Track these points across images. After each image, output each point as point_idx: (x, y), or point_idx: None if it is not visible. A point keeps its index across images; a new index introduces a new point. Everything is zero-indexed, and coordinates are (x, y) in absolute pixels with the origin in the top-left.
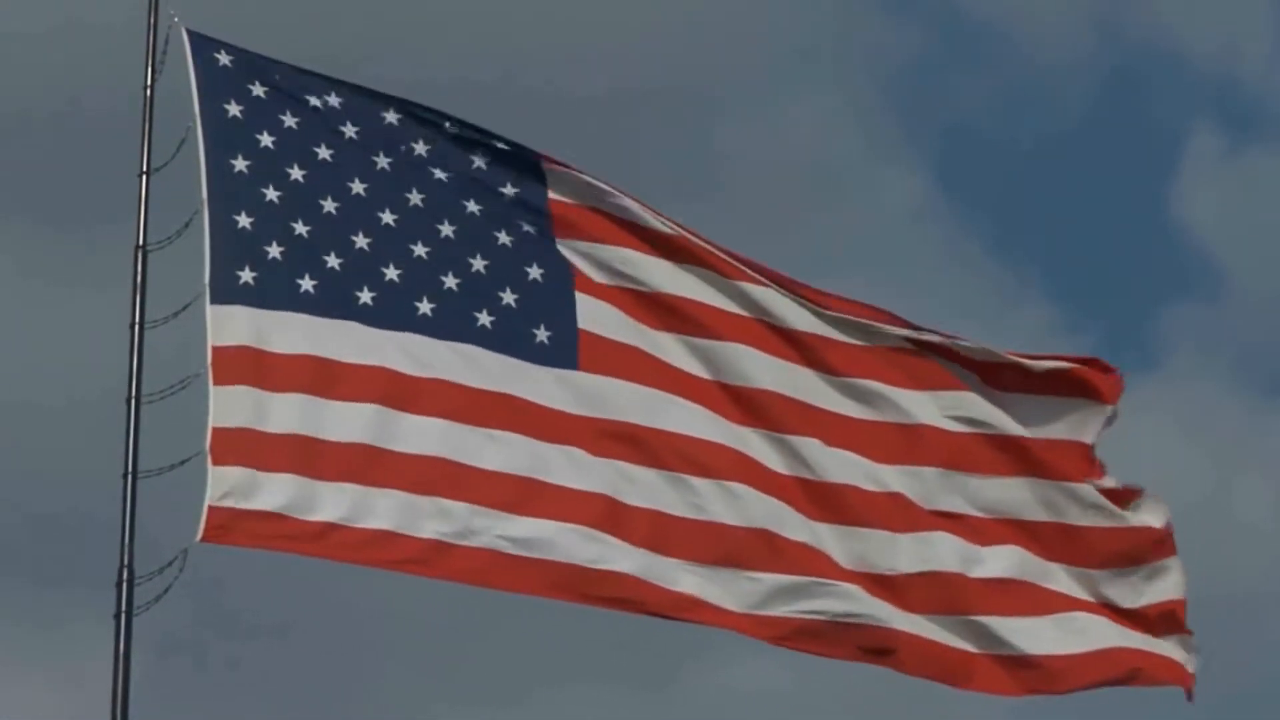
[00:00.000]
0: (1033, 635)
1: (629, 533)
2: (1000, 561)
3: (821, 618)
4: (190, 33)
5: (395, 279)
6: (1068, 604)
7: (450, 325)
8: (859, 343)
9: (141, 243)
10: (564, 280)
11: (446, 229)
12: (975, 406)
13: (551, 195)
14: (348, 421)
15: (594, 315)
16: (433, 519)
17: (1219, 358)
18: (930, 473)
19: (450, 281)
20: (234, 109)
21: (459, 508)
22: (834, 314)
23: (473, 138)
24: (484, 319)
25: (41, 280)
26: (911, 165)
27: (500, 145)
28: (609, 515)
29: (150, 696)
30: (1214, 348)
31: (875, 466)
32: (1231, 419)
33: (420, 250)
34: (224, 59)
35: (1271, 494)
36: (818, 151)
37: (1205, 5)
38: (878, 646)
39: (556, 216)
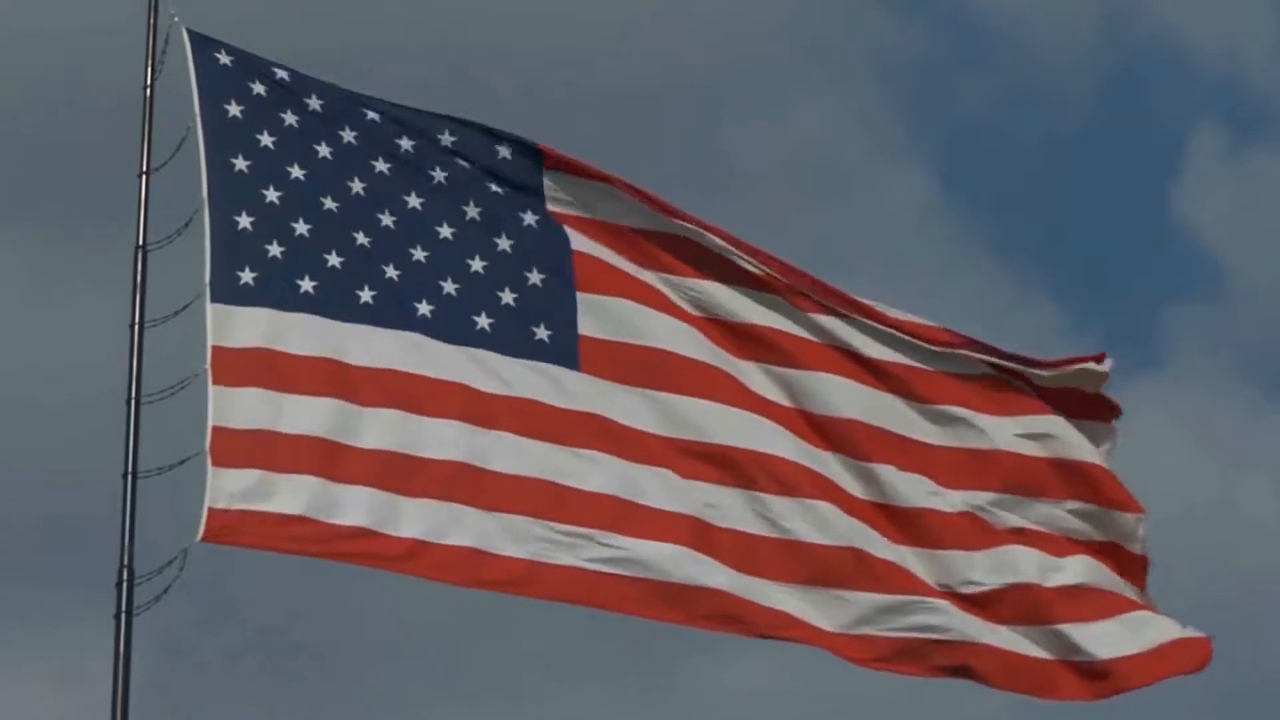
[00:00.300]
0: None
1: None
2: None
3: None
4: (190, 32)
5: (395, 278)
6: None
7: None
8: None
9: (141, 243)
10: (565, 282)
11: (445, 230)
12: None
13: (562, 211)
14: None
15: (595, 316)
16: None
17: (1222, 357)
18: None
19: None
20: (234, 109)
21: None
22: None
23: (477, 140)
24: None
25: (41, 280)
26: (917, 164)
27: (504, 152)
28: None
29: (151, 696)
30: (1217, 347)
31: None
32: (1234, 418)
33: (419, 254)
34: (224, 59)
35: (1275, 493)
36: (823, 150)
37: (1209, 5)
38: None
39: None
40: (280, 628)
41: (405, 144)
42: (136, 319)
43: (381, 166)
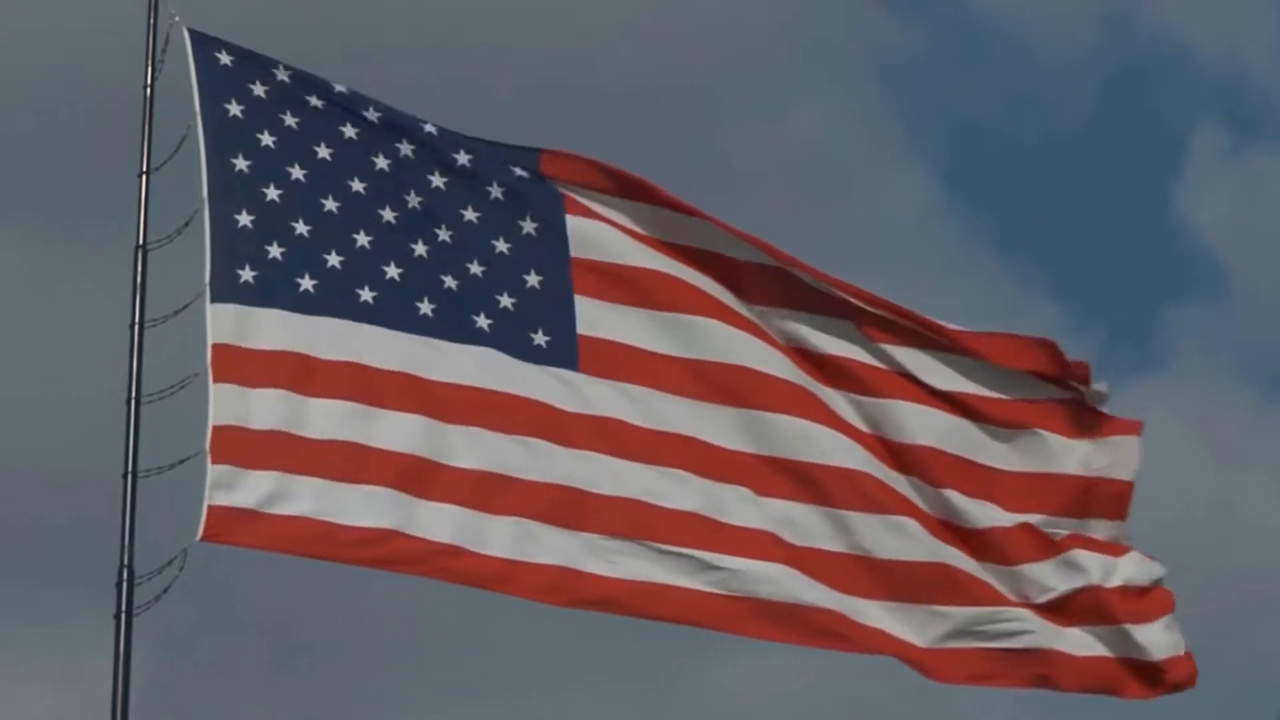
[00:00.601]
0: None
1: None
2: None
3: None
4: (191, 32)
5: (396, 277)
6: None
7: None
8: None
9: (141, 242)
10: (563, 285)
11: (444, 233)
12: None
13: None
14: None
15: (593, 319)
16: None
17: (1223, 357)
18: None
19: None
20: (234, 108)
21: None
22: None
23: (472, 144)
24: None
25: (41, 280)
26: (917, 164)
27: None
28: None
29: (152, 696)
30: (1218, 347)
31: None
32: (1235, 418)
33: (420, 250)
34: (225, 58)
35: (1275, 493)
36: (824, 150)
37: (1210, 5)
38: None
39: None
40: (282, 628)
41: (404, 148)
42: (136, 319)
43: (382, 164)
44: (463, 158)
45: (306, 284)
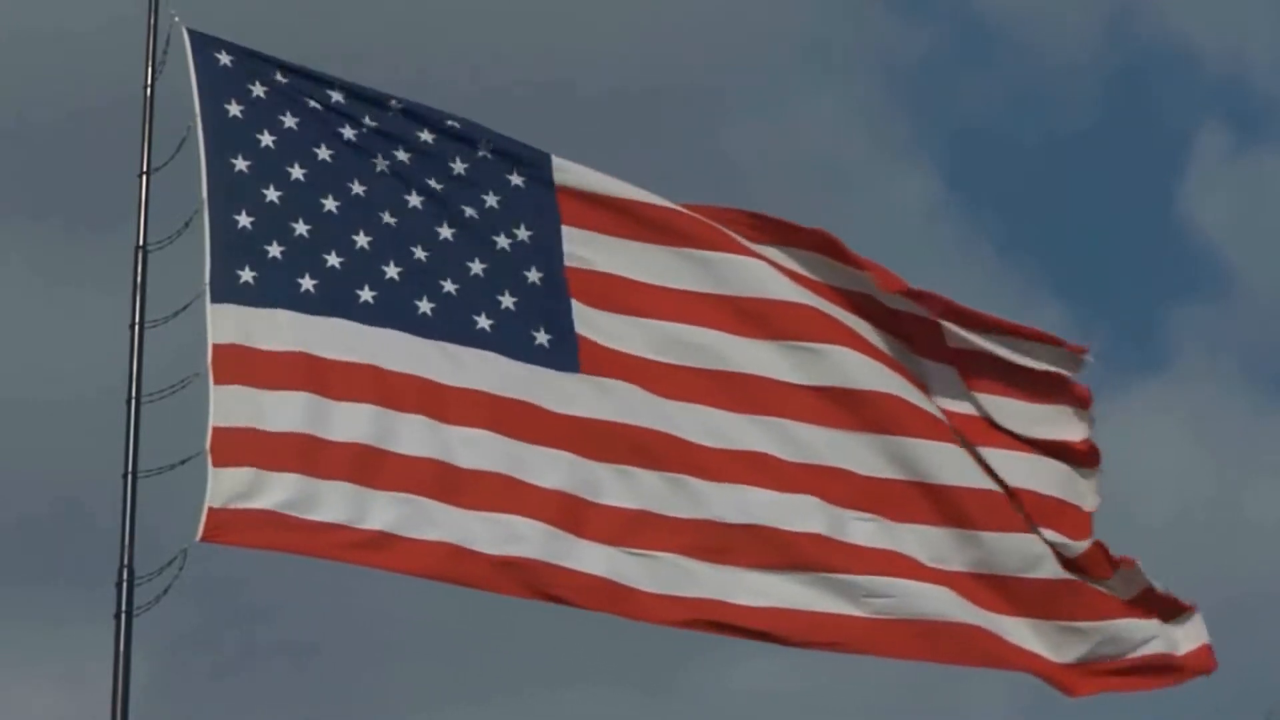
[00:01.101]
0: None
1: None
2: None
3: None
4: (191, 32)
5: (395, 277)
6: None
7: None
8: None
9: (141, 243)
10: (559, 287)
11: (446, 231)
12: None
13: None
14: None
15: (592, 323)
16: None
17: (1227, 357)
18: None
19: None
20: (234, 109)
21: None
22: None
23: (473, 136)
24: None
25: (42, 280)
26: (921, 164)
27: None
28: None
29: (154, 696)
30: (1222, 347)
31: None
32: (1239, 418)
33: (420, 253)
34: (224, 59)
35: (1277, 493)
36: (827, 151)
37: (1214, 6)
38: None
39: None
40: (285, 629)
41: (400, 153)
42: (136, 319)
43: (382, 166)
44: (459, 166)
45: (307, 284)
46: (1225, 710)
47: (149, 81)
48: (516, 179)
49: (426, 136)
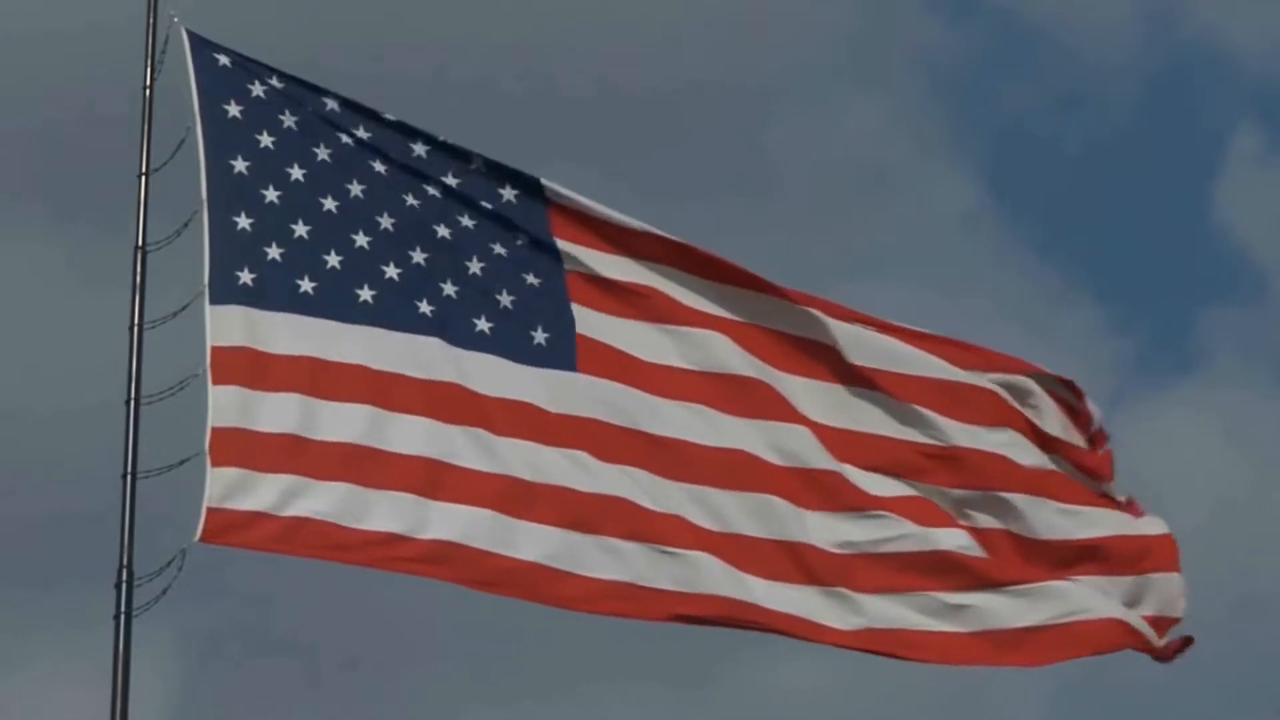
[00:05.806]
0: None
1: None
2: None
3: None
4: (190, 33)
5: (395, 278)
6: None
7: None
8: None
9: (141, 243)
10: (558, 288)
11: (444, 231)
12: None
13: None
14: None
15: (592, 324)
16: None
17: (1260, 360)
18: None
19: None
20: (234, 109)
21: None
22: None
23: (465, 152)
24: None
25: (41, 280)
26: (961, 167)
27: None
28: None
29: (178, 699)
30: (1255, 350)
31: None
32: (1272, 422)
33: (419, 255)
34: (224, 59)
35: None
36: (868, 153)
37: (1252, 7)
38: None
39: None
40: (308, 631)
41: (396, 159)
42: (136, 319)
43: (380, 167)
44: (451, 180)
45: (306, 285)
46: (1258, 706)
47: (149, 81)
48: (509, 193)
49: (420, 150)
